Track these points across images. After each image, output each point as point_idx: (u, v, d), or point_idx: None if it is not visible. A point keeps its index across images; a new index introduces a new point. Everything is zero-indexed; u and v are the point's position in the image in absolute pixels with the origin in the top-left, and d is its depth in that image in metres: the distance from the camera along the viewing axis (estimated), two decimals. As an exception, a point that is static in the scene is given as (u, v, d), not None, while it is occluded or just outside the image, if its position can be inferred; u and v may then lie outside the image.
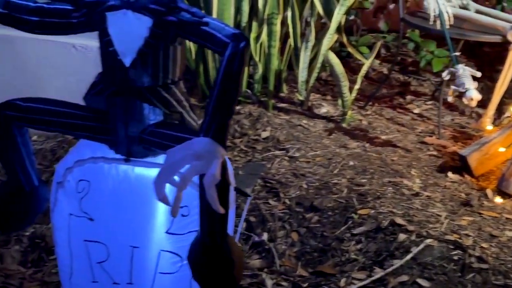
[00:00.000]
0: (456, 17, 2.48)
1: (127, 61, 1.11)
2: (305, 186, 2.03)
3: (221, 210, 0.99)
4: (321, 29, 2.80)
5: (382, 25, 3.60)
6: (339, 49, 3.19)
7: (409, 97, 2.96)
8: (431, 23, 2.45)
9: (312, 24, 2.58)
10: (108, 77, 1.14)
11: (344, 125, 2.55)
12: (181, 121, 1.19)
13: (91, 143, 1.21)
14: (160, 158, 1.19)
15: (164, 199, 0.99)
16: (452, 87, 2.23)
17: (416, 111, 2.81)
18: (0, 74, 2.12)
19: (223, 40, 1.04)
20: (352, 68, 3.24)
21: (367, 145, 2.39)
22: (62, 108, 1.16)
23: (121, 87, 1.13)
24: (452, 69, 2.25)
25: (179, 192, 0.99)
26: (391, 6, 3.59)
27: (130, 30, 1.09)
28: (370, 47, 3.46)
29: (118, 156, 1.19)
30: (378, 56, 3.35)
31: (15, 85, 2.14)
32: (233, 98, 1.05)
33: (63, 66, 2.10)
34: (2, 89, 2.15)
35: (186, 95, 1.20)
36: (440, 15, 2.42)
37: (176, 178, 1.00)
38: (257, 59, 2.63)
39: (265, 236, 1.80)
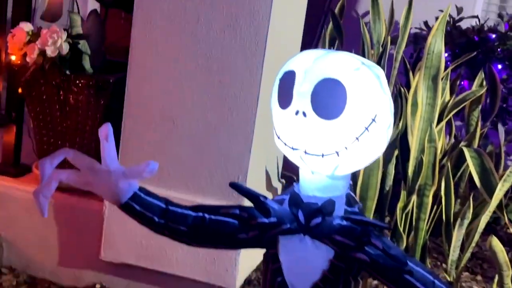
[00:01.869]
0: None
1: (297, 296, 0.90)
2: None
3: None
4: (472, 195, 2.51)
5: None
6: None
7: None
8: None
9: (471, 200, 2.29)
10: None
11: (501, 318, 2.18)
12: None
13: None
14: None
15: None
16: None
17: None
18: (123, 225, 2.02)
19: (433, 298, 0.80)
20: (499, 236, 2.87)
21: None
22: None
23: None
24: None
25: None
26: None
27: (305, 259, 0.88)
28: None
29: None
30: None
31: (140, 243, 2.06)
32: None
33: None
34: (127, 241, 2.05)
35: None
36: None
37: None
38: (401, 229, 2.36)
39: None
